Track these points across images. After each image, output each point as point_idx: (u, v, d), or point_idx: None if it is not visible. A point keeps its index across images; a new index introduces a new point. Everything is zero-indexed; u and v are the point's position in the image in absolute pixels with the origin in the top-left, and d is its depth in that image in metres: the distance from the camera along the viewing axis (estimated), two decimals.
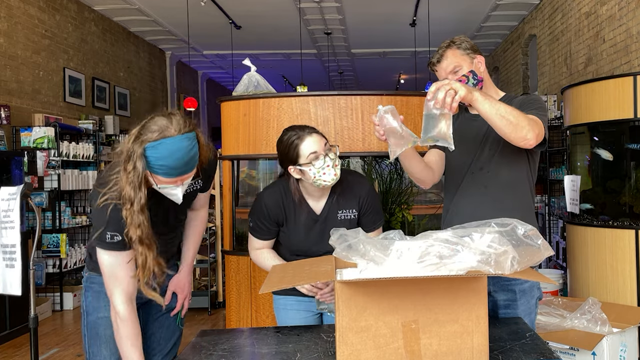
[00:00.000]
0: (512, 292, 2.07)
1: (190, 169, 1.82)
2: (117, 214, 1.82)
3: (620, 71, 5.33)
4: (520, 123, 1.81)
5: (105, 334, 2.05)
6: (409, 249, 1.43)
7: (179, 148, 1.76)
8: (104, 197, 1.85)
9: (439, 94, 1.68)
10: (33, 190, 5.80)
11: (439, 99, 1.68)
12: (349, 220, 2.23)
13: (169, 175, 1.78)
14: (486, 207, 2.04)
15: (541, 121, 1.94)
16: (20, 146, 5.95)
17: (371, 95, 3.23)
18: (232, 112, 3.44)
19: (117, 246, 1.87)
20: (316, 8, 8.54)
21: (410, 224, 3.41)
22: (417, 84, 13.92)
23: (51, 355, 4.47)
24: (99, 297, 2.06)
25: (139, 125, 1.80)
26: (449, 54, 2.13)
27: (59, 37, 7.29)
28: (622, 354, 3.06)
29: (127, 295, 1.91)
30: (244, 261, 3.33)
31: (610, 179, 4.04)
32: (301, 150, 2.09)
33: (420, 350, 1.49)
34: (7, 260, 2.26)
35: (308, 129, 2.14)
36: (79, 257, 6.40)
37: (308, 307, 2.29)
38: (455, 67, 2.12)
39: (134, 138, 1.78)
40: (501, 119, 1.79)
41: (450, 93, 1.68)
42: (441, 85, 1.69)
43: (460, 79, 2.08)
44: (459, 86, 1.69)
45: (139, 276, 1.85)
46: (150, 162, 1.76)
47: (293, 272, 1.76)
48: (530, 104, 2.04)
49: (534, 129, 1.84)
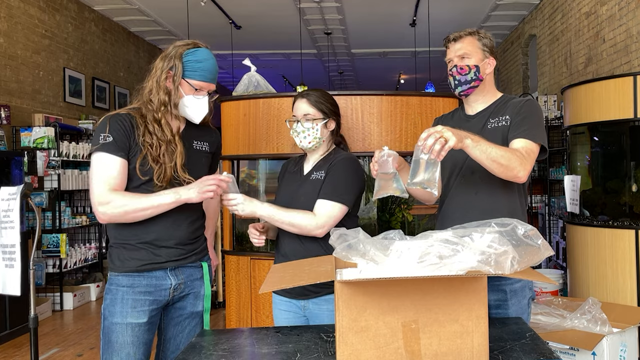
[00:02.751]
0: (503, 292, 2.07)
1: (215, 80, 2.09)
2: (115, 122, 1.99)
3: (620, 71, 5.33)
4: (510, 164, 1.87)
5: (118, 341, 2.02)
6: (409, 249, 1.42)
7: (212, 56, 2.07)
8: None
9: (429, 140, 1.70)
10: (33, 190, 5.80)
11: (427, 146, 1.70)
12: (319, 181, 2.28)
13: (204, 78, 2.03)
14: (476, 212, 2.04)
15: (535, 145, 2.00)
16: (20, 146, 5.95)
17: (371, 95, 3.23)
18: (232, 112, 3.44)
19: (108, 147, 1.94)
20: (316, 8, 8.54)
21: (410, 224, 3.40)
22: (417, 84, 13.92)
23: (51, 355, 4.48)
24: (115, 301, 2.04)
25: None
26: (467, 40, 2.14)
27: (59, 37, 7.29)
28: (622, 354, 3.06)
29: (111, 187, 1.95)
30: (244, 261, 3.33)
31: (610, 179, 4.04)
32: (293, 107, 2.35)
33: (420, 350, 1.49)
34: (7, 260, 2.26)
35: (305, 93, 2.34)
36: (79, 257, 6.40)
37: (291, 308, 2.32)
38: (465, 54, 2.13)
39: (163, 56, 2.07)
40: (492, 162, 1.84)
41: (440, 141, 1.69)
42: (433, 132, 1.71)
43: (462, 67, 2.11)
44: (449, 135, 1.71)
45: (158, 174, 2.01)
46: (187, 66, 2.02)
47: (293, 272, 1.76)
48: (525, 118, 2.05)
49: (525, 166, 1.91)
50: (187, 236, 2.11)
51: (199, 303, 2.18)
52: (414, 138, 3.21)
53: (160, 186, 2.02)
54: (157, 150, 2.01)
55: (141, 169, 2.01)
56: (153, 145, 2.01)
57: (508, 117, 2.10)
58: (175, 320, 2.16)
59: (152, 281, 2.06)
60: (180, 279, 2.11)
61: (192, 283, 2.15)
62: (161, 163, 2.01)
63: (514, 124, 2.06)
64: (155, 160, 2.01)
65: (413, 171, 1.74)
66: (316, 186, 2.26)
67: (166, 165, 2.02)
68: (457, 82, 2.14)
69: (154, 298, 2.06)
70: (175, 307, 2.15)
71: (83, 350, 4.57)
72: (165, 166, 2.02)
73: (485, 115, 2.17)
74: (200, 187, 1.97)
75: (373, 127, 3.19)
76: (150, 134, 2.02)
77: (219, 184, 1.98)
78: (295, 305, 2.30)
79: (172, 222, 2.06)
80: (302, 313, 2.30)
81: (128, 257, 2.04)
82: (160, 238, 2.05)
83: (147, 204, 1.96)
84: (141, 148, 2.01)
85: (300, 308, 2.29)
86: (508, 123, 2.09)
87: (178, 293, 2.12)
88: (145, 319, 2.04)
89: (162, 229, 2.05)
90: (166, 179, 2.02)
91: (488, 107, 2.19)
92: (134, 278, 2.04)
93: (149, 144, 2.01)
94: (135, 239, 2.04)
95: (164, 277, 2.07)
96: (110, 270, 2.09)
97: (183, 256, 2.10)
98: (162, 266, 2.06)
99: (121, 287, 2.04)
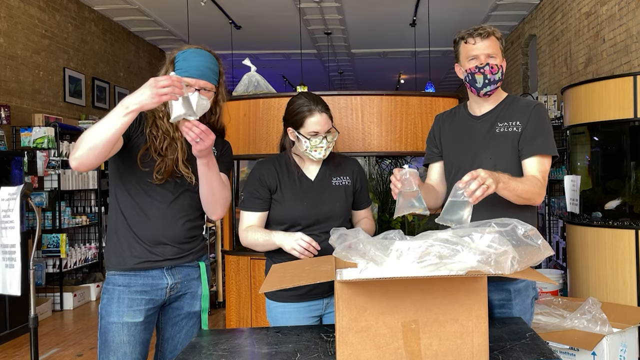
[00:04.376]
0: (507, 291, 2.07)
1: (209, 78, 2.02)
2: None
3: (620, 71, 5.33)
4: (532, 197, 2.00)
5: (115, 340, 2.03)
6: (409, 248, 1.42)
7: (203, 53, 2.04)
8: None
9: (472, 184, 1.73)
10: (33, 190, 5.80)
11: (470, 190, 1.72)
12: (344, 187, 2.31)
13: (189, 74, 1.97)
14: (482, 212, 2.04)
15: (548, 159, 2.10)
16: (20, 146, 5.95)
17: (371, 95, 3.22)
18: (232, 112, 3.43)
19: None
20: (316, 8, 8.54)
21: (410, 224, 3.40)
22: (417, 84, 13.92)
23: (51, 355, 4.48)
24: (111, 300, 2.04)
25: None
26: (493, 39, 2.11)
27: (59, 37, 7.29)
28: (622, 354, 3.06)
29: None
30: (244, 261, 3.33)
31: (610, 179, 4.04)
32: (306, 123, 2.20)
33: (420, 350, 1.49)
34: (7, 260, 2.26)
35: (321, 105, 2.22)
36: (79, 257, 6.40)
37: (308, 313, 2.27)
38: (493, 53, 2.09)
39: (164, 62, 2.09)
40: (517, 198, 1.96)
41: (482, 188, 1.73)
42: (476, 176, 1.73)
43: (493, 65, 2.07)
44: (491, 182, 1.75)
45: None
46: (176, 66, 2.00)
47: (293, 272, 1.76)
48: (537, 130, 2.08)
49: (542, 192, 2.04)
50: (183, 234, 2.11)
51: (196, 303, 2.18)
52: (414, 138, 3.21)
53: (160, 179, 2.03)
54: (161, 143, 2.03)
55: (142, 159, 2.02)
56: (157, 138, 2.04)
57: (519, 124, 2.09)
58: (173, 320, 2.16)
59: (149, 280, 2.06)
60: (176, 279, 2.11)
61: (189, 283, 2.15)
62: (163, 156, 2.03)
63: (526, 136, 2.07)
64: (158, 152, 2.03)
65: (448, 209, 1.77)
66: (347, 193, 2.31)
67: (167, 158, 2.04)
68: (488, 81, 2.07)
69: (150, 297, 2.06)
70: (172, 307, 2.15)
71: (83, 350, 4.57)
72: (166, 159, 2.04)
73: (493, 117, 2.15)
74: (151, 87, 1.75)
75: (373, 127, 3.19)
76: (157, 127, 2.05)
77: (172, 83, 1.75)
78: (315, 307, 2.26)
79: (168, 220, 2.07)
80: (321, 312, 2.28)
81: (124, 254, 2.05)
82: (156, 235, 2.05)
83: (97, 125, 1.83)
84: (146, 138, 2.03)
85: (322, 307, 2.27)
86: (519, 130, 2.08)
87: (175, 293, 2.12)
88: (141, 318, 2.04)
89: (157, 226, 2.05)
90: (167, 171, 2.03)
91: (495, 108, 2.16)
92: (130, 277, 2.05)
93: (154, 135, 2.04)
94: (131, 236, 2.05)
95: (160, 276, 2.08)
96: (107, 269, 2.10)
97: (180, 255, 2.10)
98: (159, 265, 2.06)
99: (117, 286, 2.04)
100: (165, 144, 2.04)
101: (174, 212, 2.07)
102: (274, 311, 2.30)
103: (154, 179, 2.03)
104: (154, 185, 2.04)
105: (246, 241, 2.28)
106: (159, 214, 2.05)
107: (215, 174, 2.05)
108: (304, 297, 2.24)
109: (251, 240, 2.25)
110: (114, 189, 2.11)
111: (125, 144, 2.01)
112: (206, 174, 2.03)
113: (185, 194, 2.10)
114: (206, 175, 2.04)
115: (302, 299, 2.24)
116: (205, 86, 2.03)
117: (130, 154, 2.03)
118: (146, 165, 2.03)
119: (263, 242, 2.23)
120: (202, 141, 1.89)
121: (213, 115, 2.14)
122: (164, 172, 2.03)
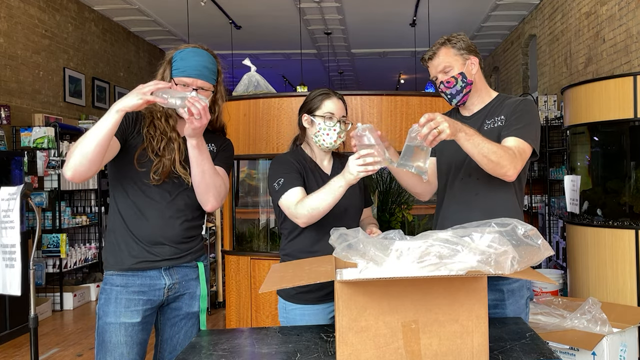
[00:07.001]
0: (500, 291, 2.07)
1: (206, 77, 2.02)
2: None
3: (620, 71, 5.33)
4: (501, 162, 1.89)
5: (112, 341, 2.02)
6: (408, 249, 1.42)
7: (200, 53, 2.03)
8: None
9: (424, 130, 1.74)
10: (33, 190, 5.80)
11: (422, 134, 1.74)
12: (357, 183, 2.20)
13: (186, 74, 1.99)
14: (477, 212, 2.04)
15: (527, 145, 1.99)
16: (20, 146, 5.95)
17: (371, 95, 3.23)
18: (232, 112, 3.43)
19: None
20: (316, 8, 8.54)
21: (410, 224, 3.40)
22: (417, 84, 13.92)
23: (51, 355, 4.48)
24: (109, 301, 2.04)
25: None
26: (442, 53, 2.15)
27: (59, 37, 7.29)
28: (622, 354, 3.06)
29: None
30: (244, 261, 3.33)
31: (610, 179, 4.04)
32: (324, 104, 2.26)
33: (420, 351, 1.49)
34: (7, 260, 2.26)
35: (339, 95, 2.32)
36: (79, 257, 6.40)
37: (328, 315, 2.24)
38: (446, 68, 2.14)
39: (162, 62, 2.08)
40: (483, 157, 1.87)
41: (434, 133, 1.74)
42: (430, 119, 1.75)
43: (449, 80, 2.13)
44: (445, 127, 1.74)
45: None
46: (173, 66, 2.01)
47: (293, 272, 1.76)
48: (520, 117, 2.05)
49: (516, 166, 1.93)
50: (181, 235, 2.10)
51: (195, 303, 2.17)
52: None
53: (157, 179, 2.03)
54: (159, 143, 2.04)
55: (139, 159, 2.02)
56: (155, 138, 2.04)
57: (503, 117, 2.10)
58: (172, 320, 2.16)
59: (146, 281, 2.06)
60: (175, 279, 2.11)
61: (188, 283, 2.15)
62: (160, 156, 2.03)
63: (507, 122, 2.07)
64: (155, 152, 2.03)
65: (404, 154, 1.80)
66: (359, 186, 2.31)
67: (165, 159, 2.03)
68: (450, 95, 2.16)
69: (147, 298, 2.06)
70: (170, 307, 2.15)
71: (83, 350, 4.57)
72: (164, 159, 2.03)
73: (481, 116, 2.17)
74: (137, 91, 1.82)
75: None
76: (155, 127, 2.06)
77: (156, 87, 1.82)
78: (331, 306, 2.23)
79: (165, 220, 2.07)
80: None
81: (122, 254, 2.05)
82: (154, 235, 2.05)
83: (91, 130, 1.86)
84: (143, 138, 2.03)
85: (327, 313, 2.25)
86: (503, 123, 2.09)
87: (173, 293, 2.12)
88: (138, 318, 2.04)
89: (155, 227, 2.05)
90: (164, 172, 2.03)
91: (484, 108, 2.19)
92: (127, 277, 2.04)
93: (152, 136, 2.04)
94: (129, 236, 2.05)
95: (158, 276, 2.07)
96: (105, 269, 2.09)
97: (178, 255, 2.10)
98: (157, 265, 2.06)
99: (115, 286, 2.04)
100: (163, 144, 2.04)
101: (171, 212, 2.07)
102: (291, 313, 2.25)
103: (152, 180, 2.03)
104: (152, 185, 2.04)
105: (305, 210, 2.10)
106: (157, 214, 2.05)
107: (206, 158, 2.02)
108: (323, 299, 2.21)
109: (314, 203, 2.09)
110: (112, 189, 2.12)
111: (122, 146, 2.01)
112: (197, 156, 1.99)
113: (182, 194, 2.10)
114: (197, 158, 1.99)
115: (322, 300, 2.21)
116: (203, 86, 2.03)
117: (127, 154, 2.03)
118: (143, 165, 2.03)
119: (325, 193, 2.07)
120: (201, 118, 1.89)
121: (212, 114, 2.14)
122: (161, 173, 2.03)
